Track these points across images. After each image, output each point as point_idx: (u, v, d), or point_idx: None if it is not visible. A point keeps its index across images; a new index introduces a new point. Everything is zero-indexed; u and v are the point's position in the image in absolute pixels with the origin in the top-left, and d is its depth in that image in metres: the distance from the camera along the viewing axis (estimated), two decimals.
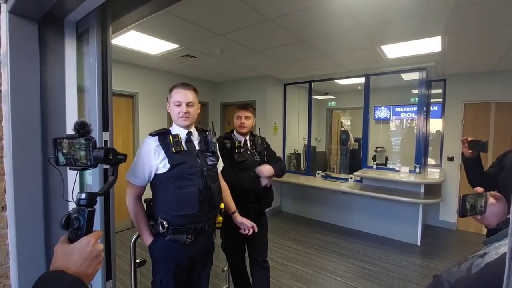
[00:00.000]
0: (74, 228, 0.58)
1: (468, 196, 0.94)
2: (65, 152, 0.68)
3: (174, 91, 1.44)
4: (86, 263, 0.55)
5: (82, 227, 0.58)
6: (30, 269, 1.12)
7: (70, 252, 0.55)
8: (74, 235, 0.58)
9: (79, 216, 0.59)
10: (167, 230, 1.35)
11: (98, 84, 1.12)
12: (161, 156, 1.36)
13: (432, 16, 2.25)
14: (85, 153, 0.66)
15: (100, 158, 0.65)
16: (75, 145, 0.67)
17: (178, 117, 1.43)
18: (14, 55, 1.07)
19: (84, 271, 0.54)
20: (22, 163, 1.09)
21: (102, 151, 0.65)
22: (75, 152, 0.67)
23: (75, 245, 0.56)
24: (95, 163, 0.66)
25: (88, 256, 0.55)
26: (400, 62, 3.65)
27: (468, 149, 1.54)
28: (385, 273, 2.89)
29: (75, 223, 0.58)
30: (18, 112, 1.08)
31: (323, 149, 6.33)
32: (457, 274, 0.59)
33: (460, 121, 4.21)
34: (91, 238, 0.58)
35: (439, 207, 4.29)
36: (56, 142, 0.69)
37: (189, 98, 1.43)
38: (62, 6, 1.06)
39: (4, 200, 1.11)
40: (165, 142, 1.38)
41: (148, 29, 2.62)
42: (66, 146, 0.67)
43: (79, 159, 0.67)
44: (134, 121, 4.04)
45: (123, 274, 2.65)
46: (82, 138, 0.66)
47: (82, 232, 0.58)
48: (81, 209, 0.59)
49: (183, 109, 1.42)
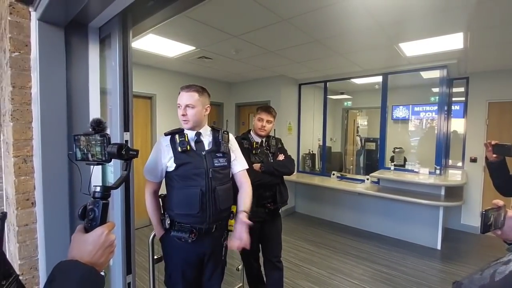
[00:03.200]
0: (90, 218, 0.62)
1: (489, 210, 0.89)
2: (82, 148, 0.73)
3: (179, 94, 1.45)
4: (99, 252, 0.58)
5: (96, 218, 0.62)
6: (57, 261, 1.18)
7: (84, 241, 0.59)
8: (89, 225, 0.62)
9: (94, 207, 0.63)
10: (171, 226, 1.40)
11: (119, 86, 1.17)
12: (170, 155, 1.40)
13: (454, 12, 2.17)
14: (100, 149, 0.71)
15: (113, 154, 0.70)
16: (91, 141, 0.72)
17: (180, 120, 1.45)
18: (43, 60, 1.14)
19: (97, 260, 0.58)
20: (49, 162, 1.16)
21: (116, 146, 0.70)
22: (91, 148, 0.72)
23: (89, 235, 0.59)
24: (109, 158, 0.71)
25: (101, 246, 0.59)
26: (419, 60, 3.53)
27: (492, 153, 1.47)
28: (403, 277, 2.81)
29: (90, 214, 0.62)
30: (46, 114, 1.15)
31: (339, 150, 6.24)
32: (480, 281, 0.58)
33: (484, 121, 4.02)
34: (104, 228, 0.61)
35: (460, 210, 4.12)
36: (74, 138, 0.74)
37: (188, 101, 1.40)
38: (86, 13, 1.12)
39: (34, 196, 1.19)
40: (173, 142, 1.41)
41: (165, 32, 2.69)
42: (83, 142, 0.72)
43: (95, 154, 0.72)
44: (152, 122, 4.16)
45: (141, 270, 2.73)
46: (98, 135, 0.71)
47: (97, 223, 0.62)
48: (96, 201, 0.63)
49: (181, 112, 1.41)
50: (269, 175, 1.97)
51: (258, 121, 2.01)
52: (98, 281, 0.56)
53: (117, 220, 1.21)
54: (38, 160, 1.16)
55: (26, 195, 1.16)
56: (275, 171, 1.99)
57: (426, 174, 3.81)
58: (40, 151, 1.14)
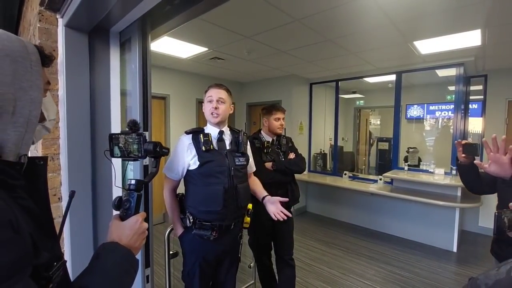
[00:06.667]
0: (125, 208, 0.69)
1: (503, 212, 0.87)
2: (121, 146, 0.79)
3: (208, 90, 1.51)
4: (135, 237, 0.66)
5: (132, 208, 0.69)
6: (81, 251, 1.26)
7: (123, 227, 0.66)
8: (125, 214, 0.69)
9: (129, 198, 0.70)
10: (194, 224, 1.43)
11: (139, 88, 1.23)
12: (193, 153, 1.43)
13: (471, 9, 2.12)
14: (137, 146, 0.77)
15: (150, 151, 0.77)
16: (129, 140, 0.78)
17: (209, 113, 1.48)
18: (69, 63, 1.21)
19: (133, 243, 0.65)
20: (75, 159, 1.23)
21: (152, 144, 0.77)
22: (129, 146, 0.78)
23: (127, 222, 0.67)
24: (145, 155, 0.78)
25: (136, 232, 0.67)
26: (434, 58, 3.45)
27: (462, 153, 1.36)
28: (418, 279, 2.77)
29: (126, 204, 0.69)
30: (71, 114, 1.22)
31: (351, 149, 6.17)
32: (496, 277, 0.58)
33: (503, 120, 3.89)
34: (139, 217, 0.69)
35: (478, 212, 4.00)
36: (112, 137, 0.80)
37: (221, 95, 1.48)
38: (109, 18, 1.18)
39: (60, 192, 1.26)
40: (196, 141, 1.45)
41: (179, 34, 2.76)
42: (122, 141, 0.79)
43: (132, 152, 0.78)
44: (166, 122, 4.26)
45: (156, 265, 2.81)
46: (135, 134, 0.77)
47: (132, 212, 0.69)
48: (131, 193, 0.71)
49: (214, 105, 1.46)
50: (281, 173, 2.00)
51: (276, 121, 2.05)
52: (134, 262, 0.64)
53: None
54: (64, 158, 1.24)
55: (53, 190, 1.23)
56: (286, 170, 2.02)
57: (442, 174, 3.72)
58: (66, 150, 1.22)
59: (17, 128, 0.48)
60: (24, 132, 0.50)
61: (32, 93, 0.50)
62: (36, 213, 0.50)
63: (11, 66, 0.47)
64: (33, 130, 0.52)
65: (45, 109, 0.59)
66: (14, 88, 0.47)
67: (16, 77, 0.47)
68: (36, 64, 0.52)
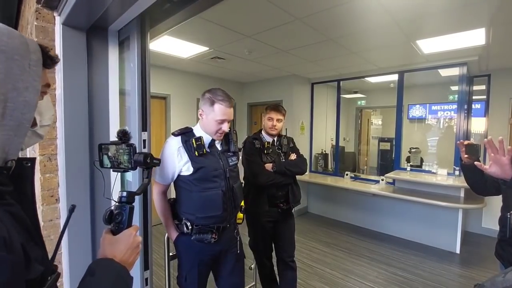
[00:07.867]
0: (117, 222, 0.66)
1: None
2: (111, 156, 0.77)
3: (217, 106, 1.34)
4: (129, 252, 0.63)
5: (124, 221, 0.66)
6: (78, 255, 1.23)
7: (116, 242, 0.63)
8: (117, 228, 0.65)
9: (121, 211, 0.66)
10: (192, 230, 1.37)
11: (138, 87, 1.21)
12: (184, 158, 1.34)
13: (475, 7, 2.08)
14: (127, 157, 0.75)
15: (140, 162, 0.75)
16: (119, 150, 0.75)
17: (216, 133, 1.39)
18: (66, 62, 1.19)
19: (127, 259, 0.62)
20: (72, 160, 1.21)
21: (142, 155, 0.75)
22: (120, 157, 0.75)
23: (119, 236, 0.64)
24: (135, 166, 0.75)
25: (130, 246, 0.63)
26: (437, 57, 3.42)
27: (465, 154, 1.34)
28: (420, 281, 2.74)
29: (117, 217, 0.66)
30: (69, 114, 1.20)
31: (352, 150, 6.14)
32: (503, 284, 0.56)
33: (507, 120, 3.85)
34: (132, 230, 0.66)
35: (481, 213, 3.96)
36: (101, 147, 0.78)
37: (231, 117, 1.39)
38: (107, 16, 1.16)
39: (58, 193, 1.24)
40: (188, 145, 1.35)
41: (179, 34, 2.74)
42: (112, 151, 0.76)
43: (122, 162, 0.75)
44: (166, 122, 4.24)
45: (156, 266, 2.80)
46: (124, 144, 0.75)
47: (124, 225, 0.66)
48: (123, 206, 0.67)
49: (225, 128, 1.38)
50: (281, 175, 1.96)
51: (268, 121, 2.00)
52: (129, 280, 0.60)
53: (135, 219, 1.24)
54: (61, 159, 1.21)
55: (50, 191, 1.21)
56: (287, 171, 1.97)
57: (445, 175, 3.69)
58: (63, 150, 1.19)
59: (6, 131, 0.45)
60: (13, 136, 0.46)
61: (27, 95, 0.47)
62: (24, 219, 0.47)
63: (4, 64, 0.44)
64: (24, 134, 0.49)
65: (39, 113, 0.55)
66: (6, 88, 0.44)
67: (10, 76, 0.44)
68: (35, 64, 0.49)
